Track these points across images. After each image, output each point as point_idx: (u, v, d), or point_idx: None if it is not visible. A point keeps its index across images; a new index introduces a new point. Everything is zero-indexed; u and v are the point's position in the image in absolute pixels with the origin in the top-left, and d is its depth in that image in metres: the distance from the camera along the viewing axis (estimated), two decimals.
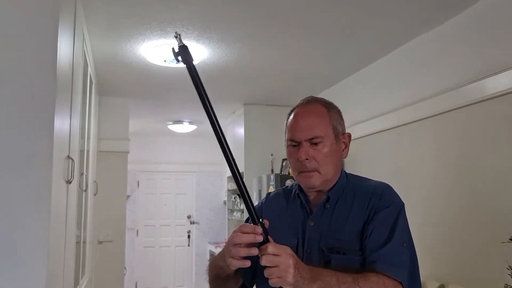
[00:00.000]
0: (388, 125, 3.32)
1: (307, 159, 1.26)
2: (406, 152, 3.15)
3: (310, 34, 3.03)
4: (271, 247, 1.08)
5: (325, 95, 4.39)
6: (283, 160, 4.83)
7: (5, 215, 1.45)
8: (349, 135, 1.36)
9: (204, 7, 2.63)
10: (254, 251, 1.09)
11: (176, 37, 1.10)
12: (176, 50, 1.10)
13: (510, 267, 2.01)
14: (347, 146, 1.35)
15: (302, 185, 1.34)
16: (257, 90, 4.57)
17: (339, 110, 1.37)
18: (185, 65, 1.09)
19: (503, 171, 2.30)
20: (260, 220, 1.11)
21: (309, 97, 1.38)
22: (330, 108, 1.33)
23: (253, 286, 1.36)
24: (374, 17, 2.76)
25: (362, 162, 3.54)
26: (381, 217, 1.23)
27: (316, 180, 1.28)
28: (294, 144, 1.30)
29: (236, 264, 1.12)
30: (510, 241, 1.96)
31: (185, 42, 3.57)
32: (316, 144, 1.27)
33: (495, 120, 2.38)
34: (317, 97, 1.37)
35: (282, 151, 5.39)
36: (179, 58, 1.10)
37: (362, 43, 3.20)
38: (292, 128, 1.31)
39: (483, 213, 2.41)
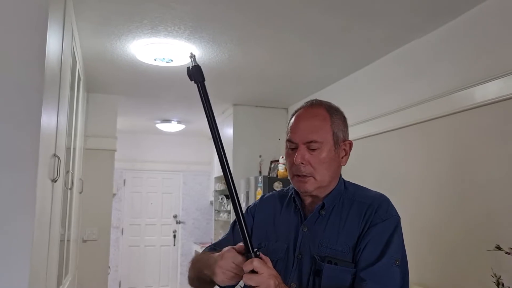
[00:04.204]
0: (377, 130, 3.33)
1: (302, 163, 1.24)
2: (394, 157, 3.16)
3: (302, 37, 3.02)
4: (256, 262, 1.06)
5: (314, 98, 4.39)
6: (272, 162, 4.82)
7: None
8: (351, 143, 1.34)
9: (196, 7, 2.61)
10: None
11: (190, 57, 1.16)
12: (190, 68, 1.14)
13: (495, 274, 2.02)
14: (347, 154, 1.33)
15: (296, 189, 1.32)
16: (247, 91, 4.56)
17: (343, 117, 1.34)
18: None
19: (490, 179, 2.32)
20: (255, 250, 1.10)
21: (314, 100, 1.36)
22: (333, 113, 1.31)
23: None
24: (366, 22, 2.76)
25: (349, 167, 3.52)
26: (375, 232, 1.21)
27: (310, 186, 1.26)
28: (292, 146, 1.28)
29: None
30: (496, 249, 1.98)
31: (177, 41, 3.50)
32: (313, 149, 1.25)
33: (483, 128, 2.40)
34: (322, 101, 1.35)
35: (270, 153, 5.36)
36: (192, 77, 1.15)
37: (353, 47, 3.20)
38: (292, 129, 1.29)
39: (470, 221, 2.42)
